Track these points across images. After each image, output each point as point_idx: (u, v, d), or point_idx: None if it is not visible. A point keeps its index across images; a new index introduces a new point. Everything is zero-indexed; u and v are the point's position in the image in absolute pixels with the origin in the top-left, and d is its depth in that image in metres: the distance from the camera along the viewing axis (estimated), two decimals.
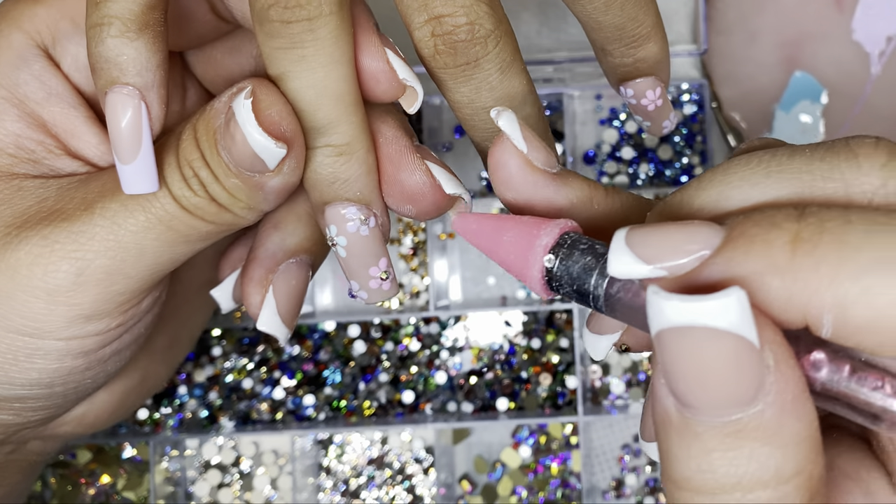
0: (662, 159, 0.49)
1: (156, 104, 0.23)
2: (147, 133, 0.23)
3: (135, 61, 0.22)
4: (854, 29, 0.46)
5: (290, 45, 0.22)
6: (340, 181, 0.23)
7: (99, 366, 0.27)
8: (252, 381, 0.49)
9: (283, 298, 0.26)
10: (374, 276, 0.24)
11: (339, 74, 0.22)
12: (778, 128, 0.47)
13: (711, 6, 0.47)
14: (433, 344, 0.49)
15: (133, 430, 0.49)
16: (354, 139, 0.23)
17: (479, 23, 0.22)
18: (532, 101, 0.24)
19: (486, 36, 0.22)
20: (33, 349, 0.25)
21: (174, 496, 0.49)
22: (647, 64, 0.26)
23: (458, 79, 0.23)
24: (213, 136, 0.22)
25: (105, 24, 0.22)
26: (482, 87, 0.23)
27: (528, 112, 0.24)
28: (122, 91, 0.22)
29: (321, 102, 0.22)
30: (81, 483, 0.49)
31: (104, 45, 0.22)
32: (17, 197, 0.25)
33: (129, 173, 0.23)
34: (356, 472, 0.49)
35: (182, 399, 0.49)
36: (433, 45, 0.22)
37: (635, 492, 0.48)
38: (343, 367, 0.49)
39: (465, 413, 0.49)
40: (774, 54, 0.47)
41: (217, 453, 0.49)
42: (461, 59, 0.22)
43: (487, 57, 0.22)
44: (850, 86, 0.47)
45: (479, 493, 0.49)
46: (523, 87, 0.23)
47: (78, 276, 0.24)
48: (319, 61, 0.22)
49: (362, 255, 0.24)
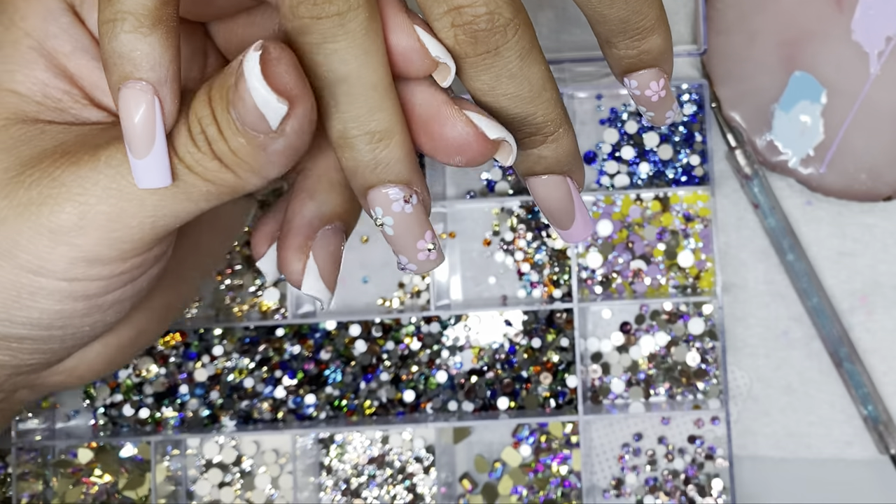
0: (662, 159, 0.49)
1: (169, 99, 0.23)
2: (161, 128, 0.23)
3: (148, 56, 0.22)
4: (853, 29, 0.47)
5: (321, 40, 0.22)
6: (382, 165, 0.24)
7: (98, 313, 0.28)
8: (253, 381, 0.49)
9: (324, 263, 0.26)
10: (422, 248, 0.25)
11: (372, 64, 0.23)
12: (777, 127, 0.47)
13: (711, 6, 0.47)
14: (434, 343, 0.49)
15: (134, 429, 0.49)
16: (392, 124, 0.23)
17: (499, 12, 0.22)
18: (551, 86, 0.24)
19: (506, 24, 0.22)
20: (37, 287, 0.26)
21: (175, 495, 0.49)
22: (652, 56, 0.26)
23: (478, 67, 0.23)
24: (225, 95, 0.23)
25: (119, 19, 0.22)
26: (502, 74, 0.23)
27: (547, 97, 0.24)
28: (135, 86, 0.22)
29: (357, 94, 0.23)
30: (83, 482, 0.49)
31: (118, 41, 0.22)
32: (38, 139, 0.26)
33: (143, 167, 0.23)
34: (357, 472, 0.49)
35: (183, 398, 0.50)
36: (453, 35, 0.23)
37: (635, 490, 0.49)
38: (344, 366, 0.49)
39: (465, 412, 0.49)
40: (774, 54, 0.47)
41: (218, 452, 0.49)
42: (482, 48, 0.23)
43: (507, 45, 0.23)
44: (850, 85, 0.47)
45: (480, 492, 0.49)
46: (542, 73, 0.24)
47: (80, 219, 0.24)
48: (352, 53, 0.22)
49: (409, 231, 0.24)
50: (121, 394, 0.50)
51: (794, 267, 0.48)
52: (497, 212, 0.50)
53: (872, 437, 0.48)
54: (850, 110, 0.47)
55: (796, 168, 0.47)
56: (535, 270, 0.49)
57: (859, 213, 0.49)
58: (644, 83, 0.27)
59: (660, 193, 0.48)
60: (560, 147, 0.25)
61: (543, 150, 0.25)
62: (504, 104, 0.24)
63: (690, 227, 0.48)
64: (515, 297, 0.50)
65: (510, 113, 0.24)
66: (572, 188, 0.26)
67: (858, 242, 0.49)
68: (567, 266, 0.49)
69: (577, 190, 0.26)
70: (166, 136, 0.23)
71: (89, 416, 0.50)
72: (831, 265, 0.49)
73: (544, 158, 0.25)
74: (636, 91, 0.27)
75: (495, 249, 0.50)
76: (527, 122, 0.24)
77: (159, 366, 0.50)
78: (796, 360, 0.49)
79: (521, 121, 0.24)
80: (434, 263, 0.25)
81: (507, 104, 0.24)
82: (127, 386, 0.50)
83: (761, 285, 0.49)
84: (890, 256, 0.49)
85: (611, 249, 0.49)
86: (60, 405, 0.50)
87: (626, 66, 0.27)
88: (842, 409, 0.48)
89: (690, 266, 0.48)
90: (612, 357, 0.49)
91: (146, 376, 0.50)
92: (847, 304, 0.48)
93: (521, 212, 0.49)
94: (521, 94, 0.24)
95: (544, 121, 0.24)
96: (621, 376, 0.49)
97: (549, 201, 0.26)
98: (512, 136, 0.25)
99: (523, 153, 0.25)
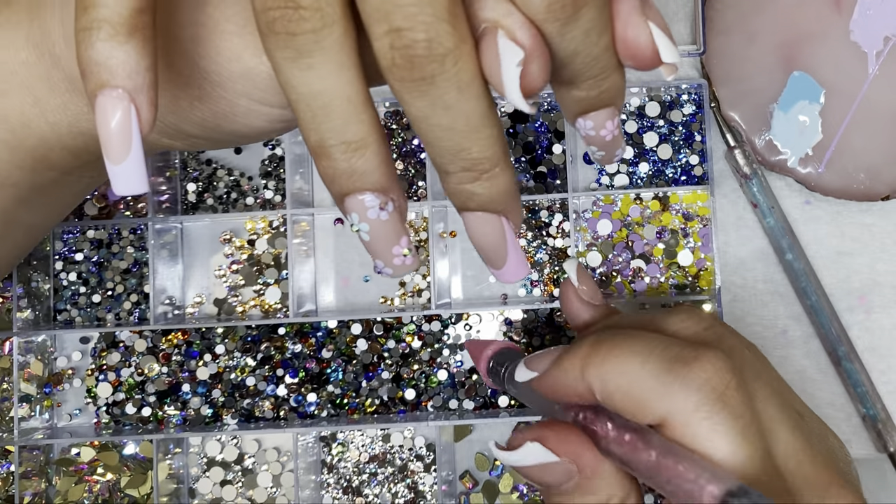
0: (662, 159, 0.49)
1: (145, 107, 0.23)
2: (137, 135, 0.23)
3: (124, 64, 0.23)
4: (852, 29, 0.47)
5: (297, 55, 0.22)
6: (358, 174, 0.24)
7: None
8: (255, 379, 0.50)
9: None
10: (397, 254, 0.25)
11: (347, 78, 0.23)
12: (776, 127, 0.47)
13: (711, 6, 0.48)
14: (435, 342, 0.50)
15: (136, 427, 0.49)
16: (367, 134, 0.24)
17: (438, 40, 0.22)
18: (491, 123, 0.23)
19: (445, 54, 0.22)
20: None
21: (177, 493, 0.49)
22: (610, 94, 0.26)
23: (413, 93, 0.23)
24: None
25: (95, 27, 0.22)
26: (437, 104, 0.23)
27: (485, 134, 0.23)
28: (111, 94, 0.23)
29: (333, 106, 0.23)
30: (85, 480, 0.49)
31: (94, 49, 0.22)
32: None
33: (119, 174, 0.23)
34: (358, 470, 0.49)
35: (185, 397, 0.50)
36: (391, 57, 0.22)
37: None
38: (345, 364, 0.50)
39: (466, 410, 0.49)
40: (773, 54, 0.47)
41: (220, 451, 0.50)
42: (417, 73, 0.22)
43: (444, 75, 0.22)
44: (848, 86, 0.47)
45: (481, 489, 0.49)
46: (482, 109, 0.23)
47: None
48: (328, 69, 0.22)
49: (385, 237, 0.25)
50: (123, 392, 0.50)
51: (792, 266, 0.48)
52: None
53: (871, 436, 0.48)
54: (849, 110, 0.47)
55: (795, 168, 0.48)
56: (535, 269, 0.50)
57: (858, 212, 0.49)
58: (600, 123, 0.26)
59: (659, 193, 0.49)
60: (494, 186, 0.24)
61: (477, 187, 0.24)
62: (438, 134, 0.23)
63: (690, 227, 0.49)
64: (516, 296, 0.50)
65: (443, 145, 0.24)
66: (507, 228, 0.26)
67: (857, 242, 0.49)
68: None
69: (512, 230, 0.26)
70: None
71: (92, 415, 0.50)
72: (830, 264, 0.49)
73: (477, 195, 0.25)
74: (591, 132, 0.26)
75: None
76: (460, 156, 0.24)
77: (161, 364, 0.50)
78: (795, 358, 0.49)
79: (454, 154, 0.24)
80: (409, 268, 0.26)
81: (441, 135, 0.23)
82: (129, 384, 0.50)
83: (760, 284, 0.49)
84: (888, 256, 0.49)
85: (611, 249, 0.49)
86: (63, 403, 0.50)
87: (584, 107, 0.26)
88: (840, 408, 0.49)
89: (690, 265, 0.49)
90: None
91: (148, 374, 0.50)
92: (845, 303, 0.49)
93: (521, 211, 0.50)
94: (455, 126, 0.23)
95: (479, 157, 0.24)
96: None
97: (480, 239, 0.26)
98: (680, 60, 0.24)
99: (457, 188, 0.25)
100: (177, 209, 0.50)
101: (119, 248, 0.50)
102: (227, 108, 0.28)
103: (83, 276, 0.50)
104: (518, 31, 0.23)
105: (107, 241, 0.50)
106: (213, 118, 0.28)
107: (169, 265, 0.50)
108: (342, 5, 0.22)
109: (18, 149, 0.30)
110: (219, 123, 0.28)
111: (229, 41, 0.26)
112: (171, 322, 0.49)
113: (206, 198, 0.51)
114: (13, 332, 0.48)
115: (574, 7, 0.22)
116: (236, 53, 0.26)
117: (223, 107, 0.27)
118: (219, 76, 0.27)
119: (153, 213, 0.49)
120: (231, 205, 0.51)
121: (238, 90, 0.27)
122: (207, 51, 0.26)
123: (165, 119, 0.28)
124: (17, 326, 0.48)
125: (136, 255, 0.50)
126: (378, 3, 0.21)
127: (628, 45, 0.24)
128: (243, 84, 0.27)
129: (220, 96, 0.27)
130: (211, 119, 0.28)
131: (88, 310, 0.50)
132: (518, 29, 0.23)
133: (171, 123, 0.29)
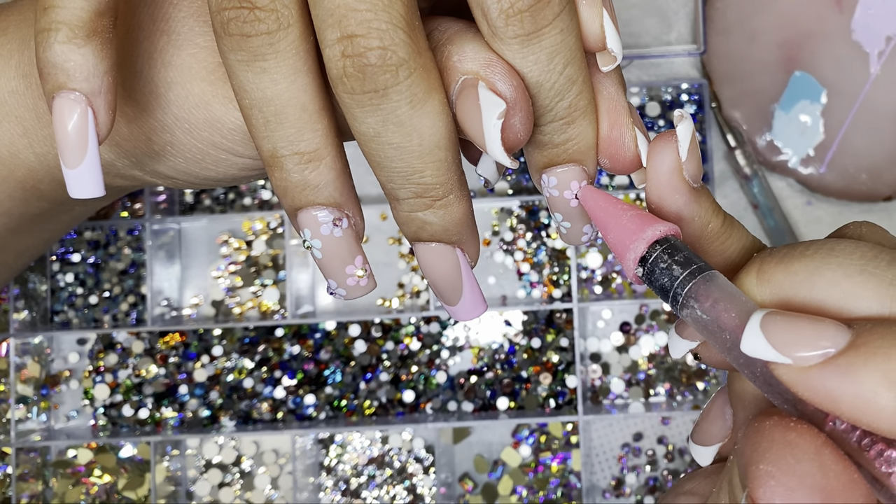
0: None
1: (102, 110, 0.23)
2: (93, 138, 0.23)
3: (82, 67, 0.22)
4: (853, 29, 0.47)
5: (251, 58, 0.21)
6: (311, 187, 0.23)
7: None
8: (253, 381, 0.49)
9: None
10: (351, 273, 0.24)
11: (302, 84, 0.22)
12: (777, 127, 0.47)
13: (711, 6, 0.47)
14: (433, 343, 0.49)
15: (134, 429, 0.49)
16: (322, 145, 0.23)
17: (393, 49, 0.20)
18: (445, 146, 0.22)
19: (399, 65, 0.21)
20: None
21: (175, 495, 0.49)
22: (577, 147, 0.24)
23: (364, 107, 0.21)
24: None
25: (53, 29, 0.22)
26: (389, 119, 0.21)
27: (439, 157, 0.22)
28: (68, 96, 0.22)
29: (286, 113, 0.22)
30: (82, 482, 0.49)
31: (51, 51, 0.22)
32: None
33: (75, 177, 0.23)
34: (357, 472, 0.49)
35: (183, 398, 0.50)
36: (342, 66, 0.21)
37: (635, 491, 0.49)
38: (344, 366, 0.49)
39: (465, 412, 0.49)
40: (774, 54, 0.47)
41: (218, 453, 0.49)
42: (369, 85, 0.21)
43: (397, 88, 0.21)
44: (850, 85, 0.47)
45: (480, 492, 0.49)
46: (438, 129, 0.22)
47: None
48: (282, 73, 0.22)
49: (338, 255, 0.24)
50: (120, 394, 0.50)
51: None
52: (497, 212, 0.50)
53: None
54: (851, 110, 0.47)
55: (796, 168, 0.47)
56: (534, 270, 0.49)
57: (859, 212, 0.49)
58: (564, 181, 0.24)
59: None
60: (448, 215, 0.23)
61: (429, 216, 0.23)
62: (389, 154, 0.22)
63: None
64: (515, 297, 0.49)
65: (393, 166, 0.22)
66: (462, 261, 0.24)
67: None
68: (567, 266, 0.49)
69: (467, 263, 0.24)
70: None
71: (89, 417, 0.50)
72: None
73: (430, 224, 0.23)
74: (553, 191, 0.24)
75: (495, 249, 0.50)
76: (411, 179, 0.22)
77: (159, 366, 0.50)
78: None
79: (405, 178, 0.22)
80: (364, 290, 0.24)
81: (392, 154, 0.22)
82: (126, 386, 0.50)
83: None
84: None
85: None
86: (60, 405, 0.50)
87: (547, 158, 0.24)
88: None
89: None
90: (612, 357, 0.49)
91: (146, 376, 0.50)
92: None
93: (520, 212, 0.49)
94: (407, 146, 0.22)
95: (433, 182, 0.22)
96: (621, 377, 0.49)
97: (433, 272, 0.24)
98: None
99: (408, 216, 0.23)
100: (174, 210, 0.50)
101: (116, 249, 0.50)
102: (197, 156, 0.27)
103: (80, 278, 0.50)
104: (499, 83, 0.21)
105: (104, 243, 0.50)
106: (185, 164, 0.27)
107: (166, 266, 0.49)
108: (299, 7, 0.21)
109: (8, 179, 0.30)
110: (191, 169, 0.27)
111: (198, 87, 0.25)
112: (168, 323, 0.48)
113: (204, 199, 0.50)
114: (10, 333, 0.48)
115: (533, 18, 0.21)
116: (204, 100, 0.25)
117: (195, 153, 0.27)
118: (188, 123, 0.26)
119: (150, 214, 0.48)
120: (229, 206, 0.50)
121: (205, 138, 0.26)
122: (177, 95, 0.26)
123: (142, 160, 0.28)
124: (14, 328, 0.48)
125: (133, 256, 0.50)
126: (331, 6, 0.20)
127: (609, 146, 0.23)
128: (209, 132, 0.26)
129: (191, 143, 0.26)
130: (183, 164, 0.27)
131: (85, 311, 0.50)
132: (499, 80, 0.21)
133: (148, 165, 0.28)
